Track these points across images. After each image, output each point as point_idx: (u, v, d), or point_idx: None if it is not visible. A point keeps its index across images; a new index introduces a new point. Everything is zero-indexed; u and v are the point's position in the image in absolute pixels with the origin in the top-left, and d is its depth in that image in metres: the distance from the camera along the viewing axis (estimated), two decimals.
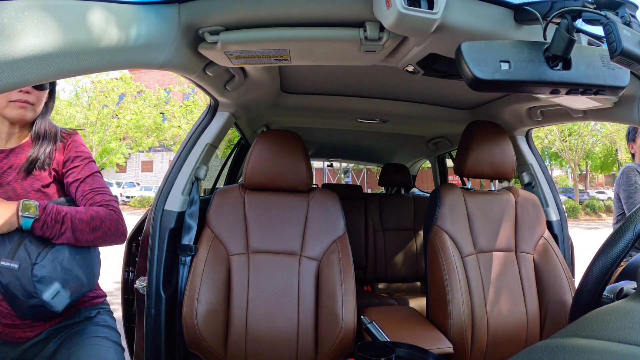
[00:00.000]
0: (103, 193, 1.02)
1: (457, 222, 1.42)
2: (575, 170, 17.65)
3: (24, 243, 0.86)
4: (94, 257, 1.02)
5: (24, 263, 0.84)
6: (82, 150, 1.06)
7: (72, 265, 0.90)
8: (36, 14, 0.56)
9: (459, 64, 0.66)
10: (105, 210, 0.98)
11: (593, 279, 0.69)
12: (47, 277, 0.84)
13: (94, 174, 1.04)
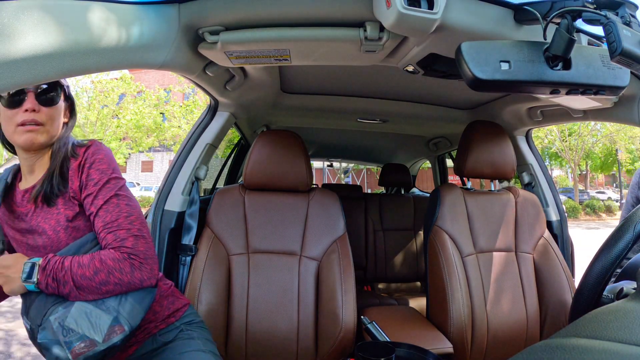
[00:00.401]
0: (115, 229, 0.80)
1: (457, 222, 1.41)
2: (575, 170, 17.66)
3: (36, 301, 0.77)
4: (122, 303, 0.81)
5: (34, 323, 0.76)
6: (97, 169, 0.85)
7: (78, 323, 0.75)
8: (36, 14, 0.56)
9: (459, 64, 0.66)
10: (114, 257, 0.78)
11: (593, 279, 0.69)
12: (45, 342, 0.74)
13: (108, 200, 0.83)
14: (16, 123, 0.81)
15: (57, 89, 0.86)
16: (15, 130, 0.82)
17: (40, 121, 0.83)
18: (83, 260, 0.77)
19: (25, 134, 0.82)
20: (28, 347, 2.75)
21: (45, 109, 0.84)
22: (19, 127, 0.82)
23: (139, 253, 0.79)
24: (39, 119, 0.83)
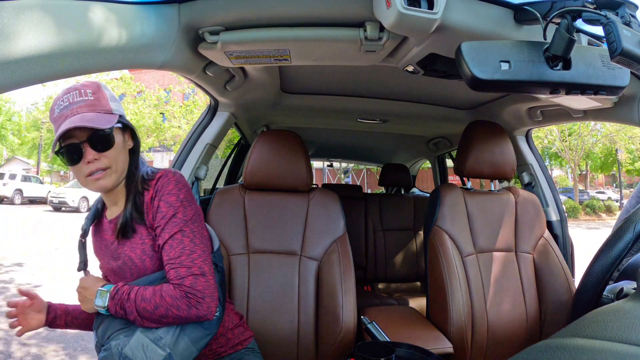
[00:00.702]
0: (177, 266, 0.82)
1: (457, 222, 1.41)
2: (575, 170, 17.65)
3: (105, 320, 0.85)
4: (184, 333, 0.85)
5: (100, 340, 0.84)
6: (165, 201, 0.86)
7: (134, 353, 0.79)
8: (36, 14, 0.56)
9: (459, 64, 0.66)
10: (173, 295, 0.80)
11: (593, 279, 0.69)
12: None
13: (173, 236, 0.84)
14: (84, 175, 0.84)
15: (109, 131, 0.85)
16: (86, 181, 0.86)
17: (102, 167, 0.85)
18: (146, 295, 0.81)
19: (95, 183, 0.85)
20: (28, 347, 2.75)
21: (104, 154, 0.85)
22: (87, 178, 0.85)
23: (197, 292, 0.81)
24: (103, 165, 0.84)
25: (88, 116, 0.81)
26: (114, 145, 0.85)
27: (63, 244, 6.87)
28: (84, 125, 0.78)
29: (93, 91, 0.85)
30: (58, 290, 4.13)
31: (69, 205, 13.49)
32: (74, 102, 0.82)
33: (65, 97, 0.83)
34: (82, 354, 2.69)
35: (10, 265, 5.19)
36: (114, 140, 0.85)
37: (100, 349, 0.83)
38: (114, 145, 0.85)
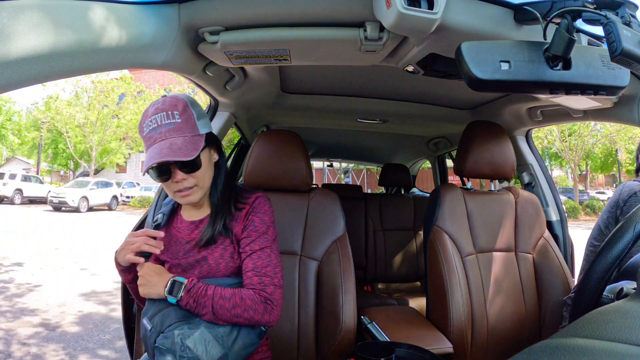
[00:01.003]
0: (262, 275, 0.92)
1: (457, 222, 1.41)
2: (575, 171, 17.65)
3: (165, 310, 0.88)
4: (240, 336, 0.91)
5: (156, 328, 0.87)
6: (261, 219, 0.97)
7: (196, 345, 0.85)
8: (36, 14, 0.56)
9: (459, 64, 0.66)
10: (254, 299, 0.90)
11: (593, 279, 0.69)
12: (163, 348, 0.85)
13: (264, 248, 0.95)
14: (173, 191, 0.94)
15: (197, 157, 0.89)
16: (174, 195, 0.95)
17: (191, 185, 0.92)
18: (225, 293, 0.89)
19: (183, 199, 0.94)
20: (28, 347, 2.75)
21: (191, 174, 0.91)
22: (177, 193, 0.93)
23: (274, 300, 0.91)
24: (190, 184, 0.92)
25: (176, 144, 0.86)
26: (200, 167, 0.92)
27: (63, 244, 6.87)
28: (171, 159, 0.84)
29: (180, 112, 0.89)
30: (58, 291, 4.13)
31: (69, 205, 13.49)
32: (162, 125, 0.88)
33: (153, 118, 0.89)
34: (82, 354, 2.69)
35: (10, 265, 5.19)
36: (200, 163, 0.92)
37: (154, 336, 0.86)
38: (201, 166, 0.92)
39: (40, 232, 8.26)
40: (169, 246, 0.99)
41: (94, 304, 3.78)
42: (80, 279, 4.63)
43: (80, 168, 21.32)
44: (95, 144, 17.12)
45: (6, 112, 22.10)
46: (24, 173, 16.59)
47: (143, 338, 0.91)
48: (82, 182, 15.00)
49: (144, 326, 0.91)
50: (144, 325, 0.91)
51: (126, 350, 1.56)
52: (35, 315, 3.43)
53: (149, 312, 0.91)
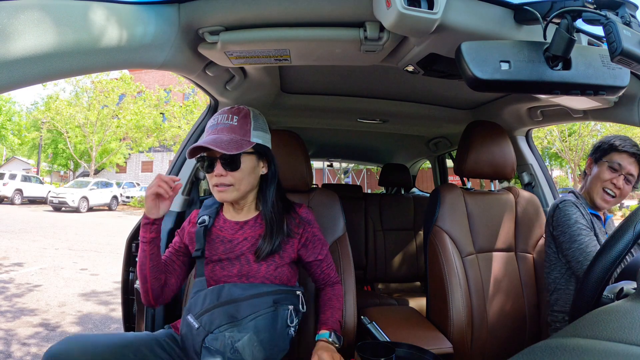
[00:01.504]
0: (332, 266, 1.16)
1: (457, 222, 1.41)
2: (575, 171, 17.64)
3: (214, 311, 0.93)
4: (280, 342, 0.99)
5: (204, 327, 0.92)
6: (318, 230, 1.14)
7: (244, 349, 0.91)
8: (36, 14, 0.56)
9: (459, 64, 0.66)
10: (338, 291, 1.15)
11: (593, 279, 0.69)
12: (215, 349, 0.90)
13: (327, 254, 1.15)
14: (212, 184, 1.00)
15: (238, 156, 0.97)
16: (212, 188, 1.01)
17: (227, 183, 0.98)
18: (335, 308, 1.12)
19: (218, 194, 1.00)
20: (28, 347, 2.75)
21: (231, 173, 0.98)
22: (214, 187, 1.00)
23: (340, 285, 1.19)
24: (227, 182, 0.98)
25: (222, 139, 0.95)
26: (240, 168, 0.98)
27: (63, 244, 6.87)
28: (212, 147, 0.92)
29: (239, 118, 1.00)
30: (58, 291, 4.13)
31: (69, 205, 13.49)
32: (220, 123, 0.99)
33: (217, 116, 1.01)
34: None
35: (10, 265, 5.19)
36: (239, 164, 0.98)
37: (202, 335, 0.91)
38: (240, 168, 0.98)
39: (40, 232, 8.26)
40: (209, 244, 1.04)
41: (94, 304, 3.78)
42: (80, 279, 4.63)
43: (80, 168, 21.33)
44: (95, 144, 17.11)
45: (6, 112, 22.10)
46: (24, 173, 16.59)
47: (186, 334, 0.94)
48: (82, 182, 15.00)
49: (189, 323, 0.94)
50: (189, 322, 0.94)
51: None
52: (35, 315, 3.43)
53: (195, 309, 0.95)
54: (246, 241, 1.03)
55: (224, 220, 1.08)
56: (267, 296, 0.97)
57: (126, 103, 16.47)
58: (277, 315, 0.98)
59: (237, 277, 1.01)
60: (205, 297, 0.96)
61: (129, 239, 1.45)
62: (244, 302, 0.95)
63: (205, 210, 1.11)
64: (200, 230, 1.05)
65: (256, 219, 1.07)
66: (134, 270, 1.41)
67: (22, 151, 24.50)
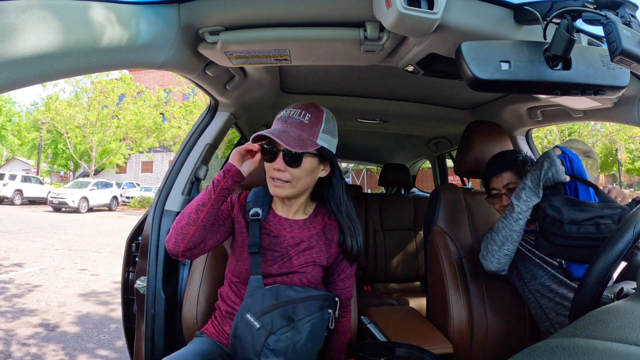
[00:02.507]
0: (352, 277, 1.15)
1: (457, 222, 1.41)
2: None
3: (274, 312, 0.94)
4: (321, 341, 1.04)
5: (265, 327, 0.92)
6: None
7: (303, 349, 0.95)
8: (36, 14, 0.56)
9: (459, 64, 0.66)
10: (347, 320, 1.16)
11: (593, 279, 0.69)
12: (278, 350, 0.91)
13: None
14: (270, 176, 0.99)
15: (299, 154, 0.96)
16: (269, 180, 1.00)
17: (284, 179, 0.97)
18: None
19: (273, 187, 0.99)
20: (28, 347, 2.75)
21: (290, 170, 0.97)
22: (271, 180, 0.99)
23: None
24: (283, 177, 0.97)
25: (289, 134, 0.94)
26: (300, 166, 0.97)
27: (63, 244, 6.87)
28: (277, 140, 0.90)
29: (311, 117, 0.99)
30: (57, 291, 4.13)
31: (69, 205, 13.49)
32: (291, 117, 0.99)
33: (290, 110, 1.01)
34: (81, 354, 2.69)
35: (10, 265, 5.19)
36: (301, 162, 0.96)
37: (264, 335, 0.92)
38: (301, 166, 0.97)
39: (40, 232, 8.26)
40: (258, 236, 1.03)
41: (94, 304, 3.78)
42: (80, 280, 4.63)
43: (80, 169, 21.33)
44: (95, 145, 17.12)
45: (6, 113, 22.10)
46: (24, 174, 16.59)
47: (243, 333, 0.94)
48: (82, 182, 15.00)
49: (248, 322, 0.93)
50: (249, 321, 0.93)
51: (126, 350, 1.56)
52: (35, 315, 3.43)
53: (254, 309, 0.94)
54: (292, 240, 1.04)
55: (274, 214, 1.07)
56: (317, 300, 1.00)
57: (126, 103, 16.48)
58: (323, 319, 1.00)
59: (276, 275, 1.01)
60: (263, 296, 0.96)
61: (129, 239, 1.45)
62: (299, 304, 0.96)
63: (257, 200, 1.08)
64: (256, 225, 1.03)
65: (305, 221, 1.07)
66: (133, 270, 1.41)
67: (22, 152, 24.50)
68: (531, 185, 1.10)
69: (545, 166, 1.09)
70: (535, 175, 1.10)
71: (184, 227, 0.93)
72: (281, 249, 1.03)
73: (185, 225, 0.93)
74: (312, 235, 1.05)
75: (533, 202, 1.10)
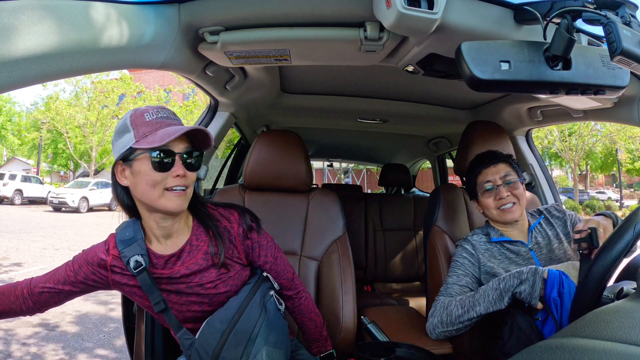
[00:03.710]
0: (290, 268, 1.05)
1: (457, 223, 1.41)
2: (575, 170, 17.65)
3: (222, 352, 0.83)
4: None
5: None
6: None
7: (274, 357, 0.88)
8: (36, 14, 0.56)
9: (459, 64, 0.66)
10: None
11: (593, 279, 0.69)
12: None
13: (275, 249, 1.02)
14: (165, 186, 0.79)
15: (200, 154, 0.85)
16: (162, 194, 0.79)
17: (186, 184, 0.81)
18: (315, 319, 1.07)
19: (173, 201, 0.79)
20: (27, 347, 2.75)
21: (190, 174, 0.82)
22: (168, 191, 0.79)
23: None
24: (187, 183, 0.81)
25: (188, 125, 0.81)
26: (199, 169, 0.86)
27: (63, 244, 6.87)
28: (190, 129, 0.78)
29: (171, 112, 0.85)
30: None
31: (69, 205, 13.48)
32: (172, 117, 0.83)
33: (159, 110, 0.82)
34: (81, 353, 2.69)
35: (10, 265, 5.19)
36: (200, 162, 0.85)
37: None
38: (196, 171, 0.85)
39: (40, 232, 8.26)
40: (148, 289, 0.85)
41: (93, 304, 3.78)
42: None
43: (80, 168, 21.32)
44: (95, 145, 17.11)
45: (6, 113, 22.09)
46: (24, 174, 16.58)
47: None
48: (82, 182, 15.00)
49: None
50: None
51: (125, 350, 1.56)
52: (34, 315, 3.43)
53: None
54: (188, 270, 0.87)
55: (155, 255, 0.87)
56: (249, 302, 0.88)
57: (126, 103, 16.47)
58: (269, 310, 0.90)
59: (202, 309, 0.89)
60: (202, 346, 0.85)
61: None
62: (237, 325, 0.85)
63: (128, 248, 0.85)
64: (146, 278, 0.84)
65: (190, 243, 0.89)
66: None
67: (22, 151, 24.49)
68: (503, 290, 1.01)
69: (521, 280, 0.99)
70: (511, 281, 1.00)
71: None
72: (190, 286, 0.87)
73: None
74: (207, 249, 0.89)
75: (497, 307, 1.02)
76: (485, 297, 1.05)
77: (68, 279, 0.87)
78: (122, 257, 0.84)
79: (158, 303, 0.86)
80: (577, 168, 17.96)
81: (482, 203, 1.24)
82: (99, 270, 0.86)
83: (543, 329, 0.98)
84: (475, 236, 1.25)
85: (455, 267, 1.22)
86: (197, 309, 0.89)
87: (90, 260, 0.87)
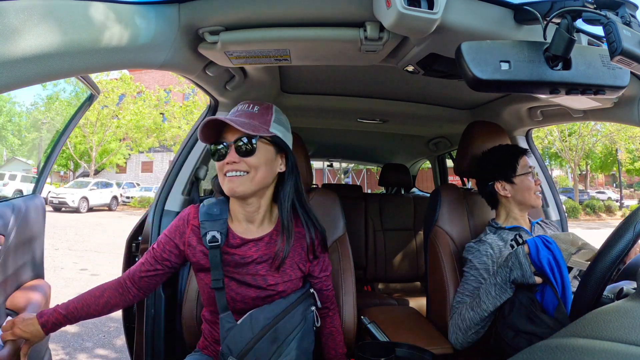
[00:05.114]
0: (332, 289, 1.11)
1: (457, 223, 1.41)
2: (575, 170, 17.65)
3: (255, 347, 0.89)
4: None
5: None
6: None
7: None
8: (36, 14, 0.56)
9: (459, 64, 0.66)
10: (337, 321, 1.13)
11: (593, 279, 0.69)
12: None
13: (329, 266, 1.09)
14: (223, 172, 0.90)
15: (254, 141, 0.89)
16: (223, 179, 0.90)
17: (242, 169, 0.88)
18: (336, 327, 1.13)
19: (228, 184, 0.89)
20: None
21: (245, 159, 0.88)
22: (224, 177, 0.90)
23: None
24: (241, 168, 0.88)
25: (240, 121, 0.88)
26: (255, 154, 0.89)
27: (63, 244, 6.87)
28: (229, 122, 0.85)
29: (260, 108, 0.93)
30: (57, 291, 4.13)
31: (69, 205, 13.50)
32: (240, 110, 0.93)
33: (239, 105, 0.95)
34: (81, 353, 2.69)
35: None
36: (255, 149, 0.89)
37: None
38: (256, 154, 0.89)
39: None
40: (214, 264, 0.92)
41: None
42: (80, 279, 4.63)
43: (80, 168, 21.33)
44: (95, 145, 17.12)
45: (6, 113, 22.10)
46: (24, 174, 16.59)
47: None
48: (82, 182, 15.01)
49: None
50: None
51: (125, 350, 1.56)
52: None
53: (235, 350, 0.90)
54: (260, 259, 0.94)
55: (233, 236, 0.94)
56: (294, 309, 0.95)
57: (126, 103, 16.48)
58: (307, 322, 0.98)
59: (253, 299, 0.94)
60: (240, 333, 0.89)
61: (129, 239, 1.45)
62: (279, 324, 0.91)
63: (211, 222, 0.94)
64: (216, 254, 0.91)
65: (271, 235, 0.96)
66: None
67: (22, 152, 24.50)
68: (501, 282, 1.07)
69: (510, 268, 1.04)
70: (503, 273, 1.06)
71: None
72: (251, 272, 0.93)
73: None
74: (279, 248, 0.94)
75: (503, 299, 1.07)
76: (487, 295, 1.10)
77: (156, 258, 0.96)
78: (202, 229, 0.93)
79: (217, 280, 0.92)
80: (577, 168, 17.97)
81: (523, 183, 1.26)
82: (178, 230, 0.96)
83: (544, 296, 1.03)
84: (488, 235, 1.28)
85: (470, 273, 1.24)
86: (251, 297, 0.94)
87: (170, 229, 0.98)
